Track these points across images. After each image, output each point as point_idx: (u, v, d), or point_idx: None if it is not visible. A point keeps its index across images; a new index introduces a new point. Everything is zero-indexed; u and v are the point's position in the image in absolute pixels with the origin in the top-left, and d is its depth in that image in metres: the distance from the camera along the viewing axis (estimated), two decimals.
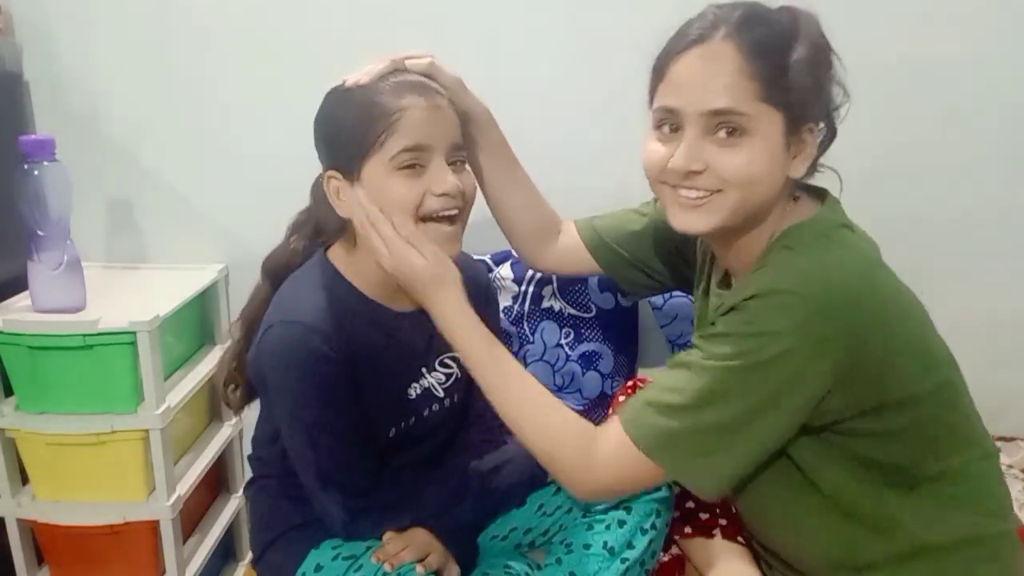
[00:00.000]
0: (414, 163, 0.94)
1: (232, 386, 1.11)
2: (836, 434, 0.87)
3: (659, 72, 0.89)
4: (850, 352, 0.81)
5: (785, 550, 1.01)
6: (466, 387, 1.14)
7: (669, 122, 0.89)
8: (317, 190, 1.05)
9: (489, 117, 1.11)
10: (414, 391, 1.07)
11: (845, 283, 0.82)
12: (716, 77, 0.84)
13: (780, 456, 0.90)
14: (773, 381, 0.81)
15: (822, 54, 0.87)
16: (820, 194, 0.96)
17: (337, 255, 1.05)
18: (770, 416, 0.83)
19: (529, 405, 0.92)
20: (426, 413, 1.09)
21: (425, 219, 0.96)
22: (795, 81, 0.84)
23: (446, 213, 0.96)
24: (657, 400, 0.86)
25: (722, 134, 0.85)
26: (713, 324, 0.88)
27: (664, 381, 0.88)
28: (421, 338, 1.07)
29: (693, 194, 0.88)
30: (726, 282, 1.01)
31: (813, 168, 0.91)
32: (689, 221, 0.90)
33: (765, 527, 1.03)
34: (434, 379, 1.10)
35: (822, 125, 0.90)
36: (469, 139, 1.09)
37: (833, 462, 0.89)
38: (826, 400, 0.83)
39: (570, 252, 1.20)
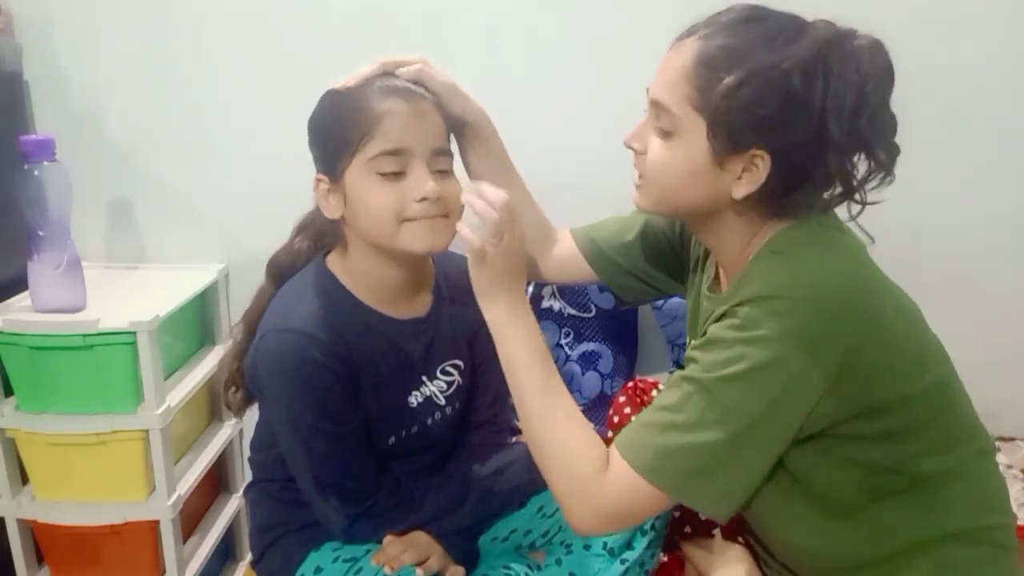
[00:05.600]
0: (394, 168, 0.93)
1: (233, 388, 1.11)
2: (828, 438, 0.86)
3: None
4: (843, 355, 0.80)
5: (781, 552, 1.00)
6: (467, 394, 1.14)
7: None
8: None
9: (487, 122, 1.08)
10: (415, 399, 1.07)
11: (835, 286, 0.81)
12: (667, 71, 0.86)
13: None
14: (769, 390, 0.79)
15: (785, 81, 0.80)
16: None
17: (335, 262, 1.04)
18: (768, 427, 0.81)
19: (549, 424, 0.88)
20: (429, 422, 1.09)
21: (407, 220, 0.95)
22: (724, 96, 0.81)
23: (427, 219, 0.95)
24: (652, 420, 0.84)
25: (660, 125, 0.87)
26: (704, 333, 0.86)
27: (660, 400, 0.85)
28: (420, 346, 1.07)
29: (636, 172, 0.93)
30: (715, 285, 1.00)
31: (785, 200, 0.86)
32: (634, 195, 0.94)
33: (762, 529, 1.02)
34: (435, 387, 1.09)
35: (770, 155, 0.82)
36: (465, 144, 1.08)
37: (826, 466, 0.88)
38: (819, 405, 0.81)
39: (569, 263, 1.18)
